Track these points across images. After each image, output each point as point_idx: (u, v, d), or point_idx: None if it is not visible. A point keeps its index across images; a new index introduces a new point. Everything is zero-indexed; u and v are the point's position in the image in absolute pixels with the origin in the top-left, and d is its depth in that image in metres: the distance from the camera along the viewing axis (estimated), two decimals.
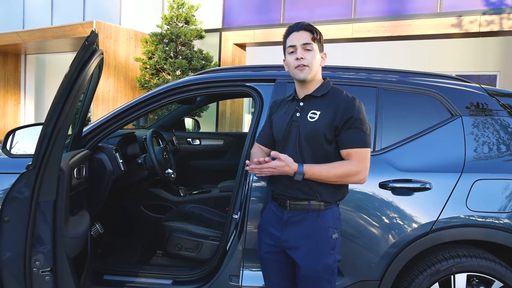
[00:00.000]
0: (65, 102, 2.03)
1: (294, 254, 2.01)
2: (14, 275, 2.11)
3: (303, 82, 2.03)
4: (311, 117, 1.99)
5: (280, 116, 2.13)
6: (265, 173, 1.92)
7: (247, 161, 1.99)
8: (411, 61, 9.47)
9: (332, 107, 1.97)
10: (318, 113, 1.98)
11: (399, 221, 2.39)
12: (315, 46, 1.99)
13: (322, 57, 2.05)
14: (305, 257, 1.98)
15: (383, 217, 2.40)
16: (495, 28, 7.67)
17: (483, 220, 2.37)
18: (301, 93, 2.07)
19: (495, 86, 9.27)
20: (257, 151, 2.26)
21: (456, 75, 3.10)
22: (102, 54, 2.33)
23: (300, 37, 1.99)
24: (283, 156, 1.89)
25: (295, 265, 2.05)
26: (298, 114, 2.03)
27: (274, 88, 2.64)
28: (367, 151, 1.95)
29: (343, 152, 1.96)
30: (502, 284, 2.34)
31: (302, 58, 1.97)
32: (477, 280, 2.39)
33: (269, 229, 2.11)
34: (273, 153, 1.90)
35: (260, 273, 2.44)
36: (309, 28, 2.00)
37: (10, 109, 13.49)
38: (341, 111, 1.94)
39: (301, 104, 2.04)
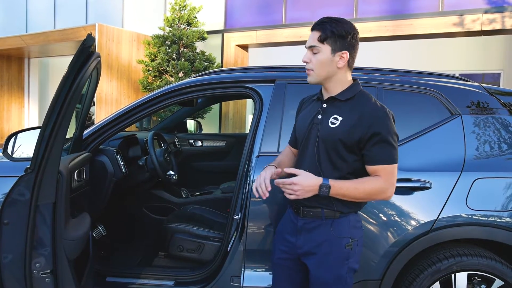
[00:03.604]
0: (62, 105, 2.04)
1: (307, 260, 1.96)
2: (15, 277, 2.12)
3: (321, 84, 1.94)
4: (332, 123, 1.87)
5: (303, 115, 2.05)
6: (288, 192, 1.81)
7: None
8: (413, 61, 9.45)
9: (355, 115, 1.84)
10: (340, 119, 1.86)
11: (400, 221, 2.39)
12: (323, 47, 1.85)
13: (341, 57, 1.85)
14: (317, 265, 1.93)
15: (384, 217, 2.40)
16: (497, 26, 7.64)
17: (484, 218, 2.36)
18: (325, 94, 1.96)
19: (499, 85, 9.25)
20: (285, 151, 2.21)
21: (459, 74, 3.09)
22: (99, 57, 2.34)
23: (310, 38, 1.89)
24: (300, 170, 1.82)
25: (306, 272, 1.99)
26: (319, 117, 1.93)
27: (274, 89, 2.64)
28: (395, 167, 1.83)
29: (369, 168, 1.84)
30: (503, 283, 2.33)
31: (306, 62, 1.91)
32: (478, 279, 2.38)
33: (285, 236, 2.06)
34: (288, 169, 1.84)
35: (262, 273, 2.46)
36: (319, 27, 1.86)
37: (14, 113, 13.55)
38: (365, 123, 1.80)
39: (324, 106, 1.94)
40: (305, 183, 1.78)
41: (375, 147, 1.80)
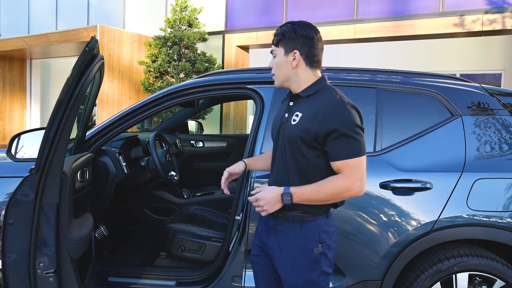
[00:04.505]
0: (66, 107, 2.06)
1: (276, 264, 1.93)
2: (19, 276, 2.14)
3: (285, 87, 1.95)
4: (294, 120, 1.86)
5: (276, 114, 2.07)
6: (257, 209, 1.83)
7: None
8: (414, 61, 9.45)
9: (312, 110, 1.80)
10: (300, 115, 1.84)
11: (400, 221, 2.40)
12: (278, 50, 1.89)
13: (293, 56, 1.85)
14: (285, 269, 1.89)
15: (384, 217, 2.41)
16: (498, 27, 7.64)
17: (485, 219, 2.37)
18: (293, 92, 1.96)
19: (500, 85, 9.24)
20: (267, 152, 2.24)
21: (460, 75, 3.10)
22: (103, 59, 2.36)
23: None
24: (263, 186, 1.86)
25: None
26: (286, 115, 1.92)
27: (275, 90, 2.66)
28: (359, 160, 1.74)
29: (333, 165, 1.78)
30: (504, 283, 2.34)
31: (270, 67, 1.95)
32: (479, 279, 2.39)
33: (260, 233, 2.05)
34: (253, 192, 1.85)
35: None
36: (275, 32, 1.91)
37: (16, 114, 13.57)
38: (321, 118, 1.76)
39: (291, 104, 1.93)
40: (268, 196, 1.79)
41: (334, 142, 1.75)
